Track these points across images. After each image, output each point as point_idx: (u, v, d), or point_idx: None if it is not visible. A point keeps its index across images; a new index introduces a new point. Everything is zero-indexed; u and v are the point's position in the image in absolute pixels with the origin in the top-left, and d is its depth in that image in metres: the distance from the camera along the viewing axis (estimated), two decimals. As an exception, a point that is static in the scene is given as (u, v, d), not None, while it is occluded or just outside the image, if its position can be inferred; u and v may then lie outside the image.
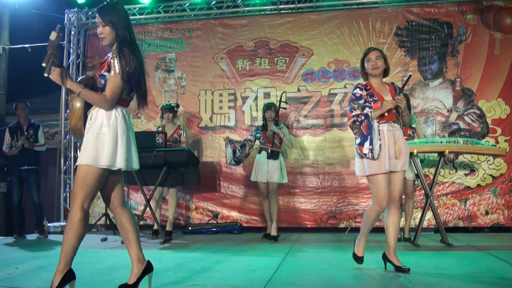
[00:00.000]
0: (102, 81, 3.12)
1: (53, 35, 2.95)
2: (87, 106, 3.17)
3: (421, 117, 7.19)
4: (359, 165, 4.12)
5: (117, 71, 3.05)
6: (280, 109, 6.67)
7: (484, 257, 4.82)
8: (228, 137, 6.80)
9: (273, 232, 6.38)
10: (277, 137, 6.48)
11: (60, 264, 3.03)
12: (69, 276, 3.06)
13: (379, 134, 3.97)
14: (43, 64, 2.96)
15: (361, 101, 4.09)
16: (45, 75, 3.00)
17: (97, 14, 3.19)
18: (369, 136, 3.95)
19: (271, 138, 6.47)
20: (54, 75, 3.00)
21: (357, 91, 4.13)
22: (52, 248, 5.82)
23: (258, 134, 6.69)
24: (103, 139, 3.05)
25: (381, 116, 3.98)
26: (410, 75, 4.33)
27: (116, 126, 3.12)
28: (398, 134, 4.02)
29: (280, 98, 6.65)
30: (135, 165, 3.25)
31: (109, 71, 3.09)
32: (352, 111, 4.11)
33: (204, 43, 8.10)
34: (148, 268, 3.33)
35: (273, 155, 6.41)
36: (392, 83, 4.28)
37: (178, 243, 6.37)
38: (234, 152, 6.59)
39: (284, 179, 6.57)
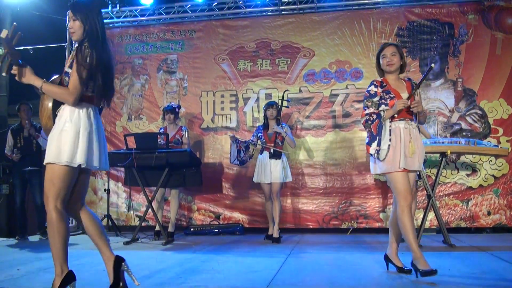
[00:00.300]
0: (67, 78, 3.09)
1: (3, 33, 2.89)
2: (57, 105, 3.15)
3: (423, 117, 7.19)
4: (372, 163, 4.04)
5: (80, 66, 3.02)
6: (283, 108, 6.64)
7: (486, 258, 4.81)
8: (234, 135, 6.72)
9: (275, 234, 6.34)
10: (279, 136, 6.44)
11: (56, 268, 3.02)
12: (69, 278, 3.06)
13: (391, 134, 3.87)
14: None
15: (376, 99, 3.99)
16: (3, 74, 3.05)
17: (70, 9, 3.16)
18: (377, 137, 3.88)
19: (273, 137, 6.44)
20: (14, 72, 3.01)
21: (372, 88, 4.05)
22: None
23: (260, 134, 6.63)
24: (66, 135, 3.02)
25: (397, 113, 3.86)
26: (430, 67, 4.10)
27: (79, 122, 3.07)
28: (414, 132, 3.92)
29: (282, 97, 6.61)
30: (96, 163, 3.14)
31: (71, 66, 3.07)
32: (366, 109, 4.02)
33: (205, 44, 8.11)
34: (117, 262, 3.23)
35: (275, 155, 6.35)
36: (409, 79, 4.19)
37: (180, 244, 6.37)
38: (238, 151, 6.53)
39: (288, 178, 6.51)
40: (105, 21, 8.25)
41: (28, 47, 8.32)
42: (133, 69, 8.33)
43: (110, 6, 8.27)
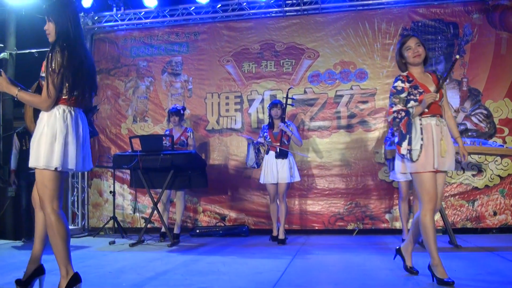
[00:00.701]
0: (43, 82, 3.10)
1: None
2: (38, 109, 3.18)
3: (428, 118, 7.16)
4: (399, 161, 3.83)
5: (49, 68, 3.04)
6: (287, 106, 6.56)
7: (492, 259, 4.80)
8: (251, 137, 6.69)
9: (281, 235, 6.31)
10: (285, 135, 6.35)
11: (61, 270, 3.07)
12: (75, 279, 3.08)
13: (423, 132, 3.65)
14: None
15: (403, 95, 3.76)
16: None
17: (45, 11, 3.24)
18: (407, 135, 3.67)
19: (279, 136, 6.35)
20: None
21: (399, 83, 3.81)
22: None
23: (265, 133, 6.54)
24: (43, 139, 3.05)
25: (426, 109, 3.66)
26: (456, 59, 3.88)
27: (55, 125, 3.08)
28: (445, 130, 3.72)
29: (287, 95, 6.56)
30: (72, 165, 3.15)
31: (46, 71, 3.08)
32: (393, 106, 3.79)
33: (210, 46, 8.12)
34: (39, 269, 3.35)
35: (281, 154, 6.27)
36: (434, 72, 3.97)
37: (186, 245, 6.38)
38: (256, 154, 6.48)
39: (296, 178, 6.42)
40: (109, 23, 8.40)
41: (33, 51, 8.33)
42: (138, 71, 8.35)
43: (114, 9, 8.28)
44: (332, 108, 7.57)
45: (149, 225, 7.02)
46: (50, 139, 3.04)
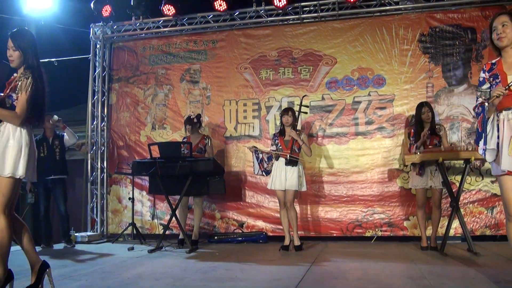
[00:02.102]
0: (10, 101, 3.54)
1: None
2: None
3: (447, 123, 7.12)
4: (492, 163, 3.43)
5: (26, 92, 3.48)
6: (301, 113, 6.55)
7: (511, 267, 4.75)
8: (253, 146, 6.76)
9: (296, 241, 6.28)
10: (296, 143, 6.31)
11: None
12: (8, 277, 3.46)
13: (499, 129, 3.27)
14: None
15: (485, 86, 3.43)
16: None
17: (9, 38, 3.62)
18: (483, 134, 3.33)
19: (290, 144, 6.30)
20: None
21: (481, 74, 3.51)
22: (78, 257, 5.91)
23: (276, 140, 6.49)
24: (9, 151, 3.45)
25: (505, 102, 3.23)
26: None
27: (21, 139, 3.51)
28: None
29: (301, 102, 6.56)
30: (28, 175, 3.56)
31: (15, 91, 3.51)
32: (477, 100, 3.48)
33: (228, 54, 8.17)
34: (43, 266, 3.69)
35: (291, 162, 6.21)
36: None
37: (204, 252, 6.41)
38: (261, 162, 6.49)
39: (303, 187, 6.37)
40: (128, 32, 8.47)
41: (53, 59, 8.46)
42: (156, 79, 8.43)
43: (133, 18, 8.38)
44: (350, 115, 7.55)
45: (167, 232, 7.07)
46: (17, 151, 3.46)
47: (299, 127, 6.82)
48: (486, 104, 3.35)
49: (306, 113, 6.87)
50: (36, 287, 3.57)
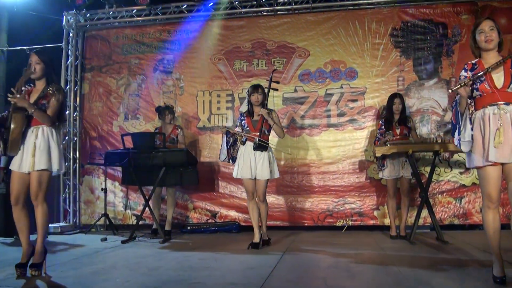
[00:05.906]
0: (43, 108, 4.17)
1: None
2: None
3: (417, 116, 7.25)
4: (467, 156, 3.62)
5: (57, 100, 4.24)
6: (271, 90, 5.87)
7: (479, 255, 4.87)
8: (225, 126, 6.12)
9: (264, 236, 5.79)
10: (266, 124, 5.59)
11: None
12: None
13: (479, 122, 3.45)
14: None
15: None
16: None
17: (34, 54, 4.31)
18: (457, 125, 3.53)
19: (258, 125, 5.59)
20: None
21: (462, 72, 3.67)
22: (51, 248, 5.87)
23: (243, 121, 5.78)
24: (52, 150, 4.27)
25: (489, 99, 3.42)
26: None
27: (58, 139, 4.30)
28: (505, 118, 3.36)
29: (271, 77, 5.84)
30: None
31: (48, 101, 4.20)
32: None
33: (201, 44, 8.16)
34: None
35: (260, 146, 5.48)
36: (511, 57, 3.55)
37: (177, 242, 6.43)
38: (230, 146, 5.67)
39: (275, 174, 5.64)
40: (101, 21, 8.41)
41: (25, 47, 8.34)
42: (129, 69, 8.37)
43: (106, 6, 8.28)
44: (322, 107, 7.64)
45: (140, 222, 7.07)
46: (58, 150, 4.24)
47: (270, 106, 6.74)
48: (457, 97, 3.55)
49: (276, 89, 6.33)
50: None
